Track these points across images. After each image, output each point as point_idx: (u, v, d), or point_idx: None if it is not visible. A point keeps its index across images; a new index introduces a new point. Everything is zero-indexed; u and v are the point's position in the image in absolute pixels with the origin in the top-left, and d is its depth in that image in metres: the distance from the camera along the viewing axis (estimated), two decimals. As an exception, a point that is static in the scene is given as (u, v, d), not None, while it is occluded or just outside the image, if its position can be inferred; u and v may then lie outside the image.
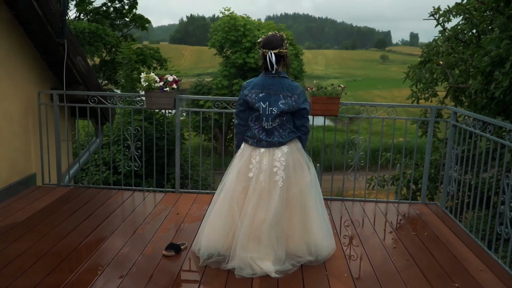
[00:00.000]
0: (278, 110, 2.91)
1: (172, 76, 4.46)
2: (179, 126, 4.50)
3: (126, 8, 20.06)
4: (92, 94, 4.51)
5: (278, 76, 2.95)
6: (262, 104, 2.94)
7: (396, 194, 5.88)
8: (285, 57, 2.98)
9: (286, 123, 2.99)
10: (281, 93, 2.92)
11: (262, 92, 2.95)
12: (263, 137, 2.97)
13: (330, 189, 4.70)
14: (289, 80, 2.99)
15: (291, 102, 2.92)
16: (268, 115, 2.93)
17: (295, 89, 2.95)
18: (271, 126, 2.95)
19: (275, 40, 2.93)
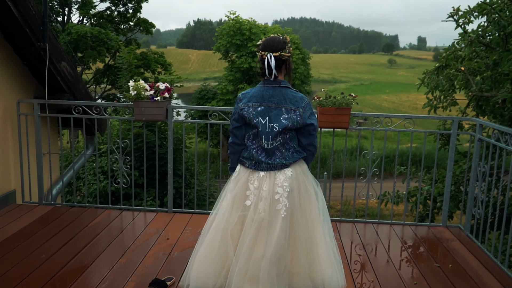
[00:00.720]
0: (281, 127, 2.47)
1: (164, 83, 4.02)
2: (172, 139, 4.06)
3: (130, 12, 19.77)
4: (76, 104, 4.08)
5: (279, 86, 2.51)
6: (261, 119, 2.49)
7: (412, 211, 5.38)
8: (287, 63, 2.54)
9: (289, 141, 2.54)
10: (284, 106, 2.48)
11: (261, 105, 2.50)
12: (263, 158, 2.52)
13: (340, 203, 4.22)
14: (292, 90, 2.54)
15: (295, 117, 2.48)
16: (268, 132, 2.49)
17: (300, 102, 2.50)
18: (272, 146, 2.50)
19: (276, 42, 2.48)
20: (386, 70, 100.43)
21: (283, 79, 2.55)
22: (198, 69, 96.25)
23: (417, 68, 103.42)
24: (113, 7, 19.60)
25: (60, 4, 18.09)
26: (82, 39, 16.04)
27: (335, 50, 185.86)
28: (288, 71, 2.57)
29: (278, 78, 2.51)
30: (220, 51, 19.01)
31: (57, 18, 18.70)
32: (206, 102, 19.53)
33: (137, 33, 21.42)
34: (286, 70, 2.55)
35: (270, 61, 2.43)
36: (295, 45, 18.73)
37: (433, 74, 5.66)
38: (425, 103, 5.78)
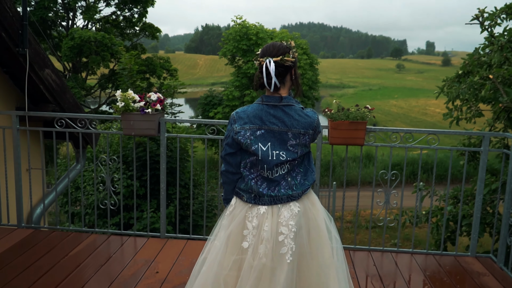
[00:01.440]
0: (289, 157, 2.03)
1: (157, 94, 3.58)
2: (165, 157, 3.61)
3: (135, 17, 19.46)
4: (58, 116, 3.66)
5: (281, 104, 2.02)
6: (262, 146, 2.03)
7: (433, 234, 4.89)
8: (292, 72, 2.05)
9: (297, 166, 2.09)
10: (290, 129, 2.01)
11: (261, 129, 2.03)
12: (264, 190, 2.05)
13: (355, 221, 3.74)
14: (299, 108, 2.06)
15: (304, 141, 2.03)
16: (271, 161, 2.03)
17: (311, 122, 2.04)
18: (276, 174, 2.05)
19: (277, 47, 2.02)
20: (395, 75, 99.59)
21: (287, 95, 2.06)
22: (206, 74, 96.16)
23: (426, 73, 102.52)
24: (119, 12, 19.30)
25: (65, 9, 17.83)
26: (86, 44, 15.71)
27: (343, 55, 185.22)
28: (294, 83, 2.09)
29: (280, 92, 2.03)
30: (226, 56, 18.60)
31: (62, 23, 18.44)
32: (212, 108, 19.12)
33: (142, 38, 21.11)
34: (292, 82, 2.07)
35: (269, 66, 1.96)
36: (303, 50, 18.28)
37: (454, 82, 5.17)
38: (444, 113, 5.29)
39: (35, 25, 16.55)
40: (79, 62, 17.86)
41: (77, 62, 17.80)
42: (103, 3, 18.62)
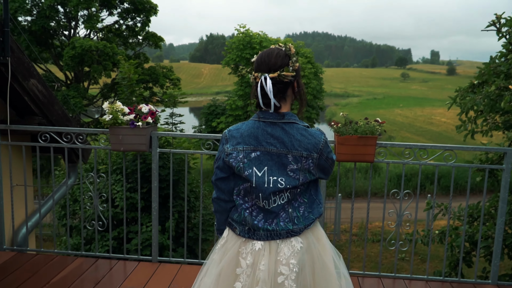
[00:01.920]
0: (289, 184, 1.71)
1: (148, 106, 3.31)
2: (157, 174, 3.33)
3: (138, 26, 19.33)
4: (42, 130, 3.38)
5: (281, 122, 1.72)
6: (256, 170, 1.72)
7: (448, 255, 4.56)
8: (294, 86, 1.74)
9: (300, 196, 1.77)
10: (290, 151, 1.70)
11: (256, 150, 1.73)
12: (260, 223, 1.75)
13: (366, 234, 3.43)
14: (303, 126, 1.75)
15: (307, 166, 1.71)
16: (267, 188, 1.72)
17: (315, 143, 1.72)
18: (274, 204, 1.74)
19: (275, 57, 1.70)
20: (399, 84, 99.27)
21: (288, 111, 1.76)
22: (210, 83, 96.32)
23: (430, 82, 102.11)
24: (122, 21, 19.18)
25: (67, 18, 17.71)
26: (87, 53, 15.54)
27: (347, 64, 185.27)
28: (297, 97, 1.78)
29: (281, 110, 1.73)
30: (229, 65, 18.36)
31: (64, 32, 18.31)
32: (215, 118, 18.85)
33: (146, 47, 20.97)
34: (294, 96, 1.77)
35: (265, 85, 1.66)
36: (307, 59, 17.99)
37: (468, 92, 4.87)
38: (457, 125, 4.98)
39: (36, 34, 16.44)
40: (81, 71, 17.69)
41: (79, 71, 17.63)
42: (105, 12, 18.52)
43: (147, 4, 18.16)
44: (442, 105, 53.31)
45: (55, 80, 18.02)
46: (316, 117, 18.71)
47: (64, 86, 17.92)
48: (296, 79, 1.73)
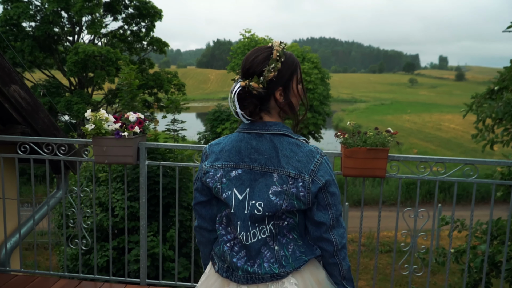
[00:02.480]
0: (268, 209, 1.37)
1: (136, 113, 3.01)
2: (145, 188, 3.02)
3: (143, 31, 19.18)
4: (21, 140, 3.10)
5: (268, 133, 1.40)
6: (237, 193, 1.41)
7: (463, 276, 4.19)
8: (275, 94, 1.40)
9: (288, 231, 1.42)
10: (276, 169, 1.38)
11: (237, 168, 1.42)
12: (240, 261, 1.42)
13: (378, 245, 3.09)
14: (294, 139, 1.42)
15: (295, 190, 1.36)
16: (247, 216, 1.39)
17: (307, 162, 1.37)
18: (254, 239, 1.40)
19: (252, 60, 1.39)
20: (407, 89, 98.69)
21: (278, 121, 1.44)
22: (217, 89, 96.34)
23: (439, 87, 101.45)
24: (126, 26, 19.05)
25: (71, 23, 17.59)
26: (90, 59, 15.37)
27: (354, 69, 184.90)
28: (284, 109, 1.43)
29: (265, 119, 1.42)
30: (234, 70, 18.14)
31: (68, 38, 18.20)
32: (220, 124, 18.59)
33: (153, 53, 20.81)
34: (280, 108, 1.42)
35: (231, 93, 1.39)
36: (313, 64, 17.70)
37: (485, 98, 4.53)
38: (473, 134, 4.64)
39: (40, 40, 16.32)
40: (85, 77, 17.54)
41: (82, 77, 17.48)
42: (110, 17, 18.39)
43: (152, 9, 18.02)
44: (451, 111, 52.78)
45: (39, 86, 17.87)
46: (322, 123, 18.39)
47: (68, 92, 17.78)
48: (274, 91, 1.38)
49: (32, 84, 17.42)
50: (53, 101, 15.92)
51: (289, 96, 1.42)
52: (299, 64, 1.44)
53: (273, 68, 1.35)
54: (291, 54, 1.42)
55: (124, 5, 18.08)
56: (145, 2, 17.96)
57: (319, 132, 18.60)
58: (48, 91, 16.26)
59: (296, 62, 1.42)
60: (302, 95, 1.45)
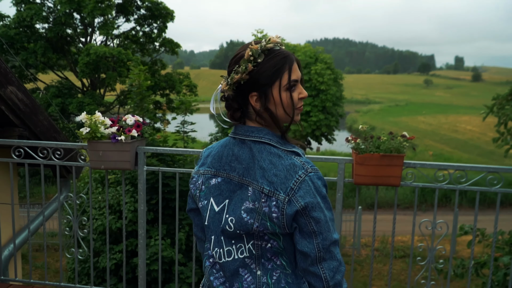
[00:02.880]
0: (239, 227, 1.20)
1: (134, 116, 2.85)
2: (144, 195, 2.86)
3: (155, 32, 19.14)
4: (15, 144, 2.96)
5: (250, 140, 1.23)
6: (214, 203, 1.26)
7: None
8: (249, 97, 1.22)
9: (273, 254, 1.23)
10: (251, 183, 1.20)
11: (217, 176, 1.27)
12: (216, 282, 1.27)
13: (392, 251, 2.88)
14: (280, 150, 1.22)
15: (267, 209, 1.17)
16: (220, 231, 1.25)
17: (286, 178, 1.17)
18: (229, 258, 1.24)
19: (237, 54, 1.24)
20: (422, 90, 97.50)
21: (262, 127, 1.25)
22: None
23: (455, 88, 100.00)
24: (138, 28, 19.03)
25: (83, 25, 17.62)
26: (102, 60, 15.36)
27: (368, 70, 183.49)
28: (264, 114, 1.23)
29: (248, 124, 1.26)
30: (246, 71, 17.99)
31: (81, 39, 18.24)
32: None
33: (166, 54, 20.76)
34: (257, 114, 1.23)
35: (215, 93, 1.29)
36: (326, 65, 17.45)
37: (507, 100, 4.27)
38: (495, 138, 4.38)
39: (52, 41, 16.37)
40: (97, 78, 17.56)
41: (95, 78, 17.50)
42: (122, 19, 18.39)
43: (164, 10, 17.96)
44: (468, 112, 51.85)
45: (83, 86, 17.92)
46: (335, 124, 18.13)
47: (81, 93, 17.81)
48: (247, 96, 1.22)
49: (45, 85, 17.53)
50: (65, 102, 15.96)
51: (267, 104, 1.21)
52: (294, 67, 1.22)
53: (242, 70, 1.18)
54: (279, 55, 1.20)
55: (136, 6, 18.06)
56: (157, 3, 17.91)
57: (332, 134, 18.33)
58: (60, 92, 16.30)
59: (283, 65, 1.20)
60: (288, 104, 1.22)
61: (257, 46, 1.18)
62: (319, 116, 16.73)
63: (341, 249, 12.01)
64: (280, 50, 1.21)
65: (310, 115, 16.91)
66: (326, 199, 1.17)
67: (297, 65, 1.23)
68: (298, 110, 1.24)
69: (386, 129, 41.64)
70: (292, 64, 1.20)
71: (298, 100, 1.24)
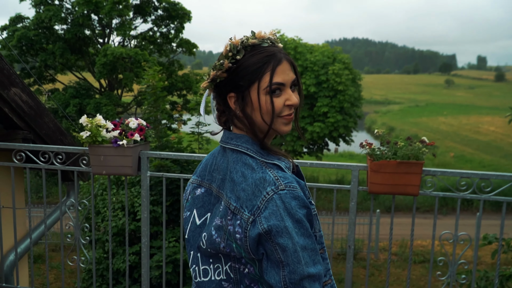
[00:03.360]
0: (209, 246, 1.08)
1: (138, 119, 2.72)
2: (147, 202, 2.73)
3: (172, 33, 19.16)
4: (16, 147, 2.87)
5: (229, 148, 1.11)
6: (197, 216, 1.14)
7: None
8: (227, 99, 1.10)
9: (251, 281, 1.07)
10: (224, 196, 1.08)
11: (201, 186, 1.16)
12: None
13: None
14: (256, 161, 1.07)
15: (232, 229, 1.03)
16: (197, 247, 1.13)
17: (254, 194, 1.01)
18: (206, 278, 1.11)
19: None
20: (443, 91, 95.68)
21: (243, 134, 1.11)
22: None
23: (477, 88, 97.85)
24: (156, 28, 19.08)
25: (101, 26, 17.74)
26: (119, 61, 15.42)
27: (388, 70, 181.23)
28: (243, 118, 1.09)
29: (233, 130, 1.14)
30: (263, 72, 17.84)
31: (99, 40, 18.37)
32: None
33: (184, 55, 20.77)
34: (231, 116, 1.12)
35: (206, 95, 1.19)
36: (344, 65, 17.16)
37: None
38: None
39: (70, 42, 16.51)
40: (114, 79, 17.65)
41: (112, 79, 17.60)
42: (140, 19, 18.46)
43: (181, 11, 17.95)
44: (490, 113, 50.58)
45: (101, 87, 18.05)
46: (353, 125, 17.81)
47: (98, 93, 17.94)
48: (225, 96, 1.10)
49: (64, 86, 17.70)
50: (83, 103, 16.07)
51: (245, 107, 1.07)
52: (281, 68, 1.06)
53: (217, 67, 1.06)
54: (262, 53, 1.05)
55: (153, 7, 18.10)
56: (174, 3, 17.93)
57: (350, 135, 18.02)
58: (78, 93, 16.43)
59: (264, 65, 1.04)
60: (266, 110, 1.05)
61: (238, 41, 1.03)
62: (336, 117, 16.45)
63: (359, 253, 11.73)
64: (267, 47, 1.05)
65: (327, 116, 16.64)
66: (301, 223, 0.97)
67: (288, 66, 1.07)
68: (283, 119, 1.07)
69: (405, 129, 40.96)
70: (278, 64, 1.04)
71: (284, 107, 1.06)
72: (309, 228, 0.99)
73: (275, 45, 1.09)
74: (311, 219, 1.02)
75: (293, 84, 1.08)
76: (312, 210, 1.04)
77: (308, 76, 16.58)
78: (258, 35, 1.06)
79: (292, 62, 1.09)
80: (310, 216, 1.01)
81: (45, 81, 17.46)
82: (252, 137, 1.08)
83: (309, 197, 1.05)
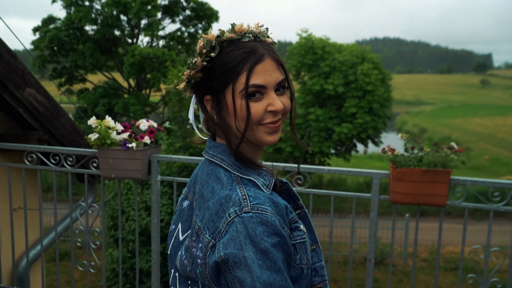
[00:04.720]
0: (180, 266, 0.95)
1: (149, 121, 2.63)
2: (158, 207, 2.63)
3: (200, 33, 19.21)
4: (27, 149, 2.83)
5: (208, 159, 0.98)
6: (180, 230, 1.00)
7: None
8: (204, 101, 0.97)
9: None
10: (196, 211, 0.94)
11: (187, 198, 1.03)
12: None
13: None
14: (230, 172, 0.92)
15: (195, 251, 0.89)
16: (175, 267, 0.99)
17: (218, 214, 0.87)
18: None
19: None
20: (478, 91, 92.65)
21: (220, 143, 0.98)
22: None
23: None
24: (184, 28, 19.19)
25: (130, 26, 17.97)
26: (146, 61, 15.56)
27: (420, 70, 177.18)
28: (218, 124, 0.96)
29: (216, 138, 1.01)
30: (290, 72, 17.63)
31: (128, 40, 18.62)
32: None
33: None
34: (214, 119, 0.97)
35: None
36: (374, 65, 16.73)
37: None
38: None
39: (100, 43, 16.79)
40: (143, 79, 17.84)
41: (140, 79, 17.79)
42: (168, 20, 18.60)
43: (208, 11, 17.98)
44: (529, 114, 48.57)
45: (130, 87, 18.31)
46: (383, 126, 17.35)
47: (126, 93, 18.18)
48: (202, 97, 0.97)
49: (93, 85, 18.02)
50: (112, 103, 16.31)
51: (221, 111, 0.93)
52: (261, 68, 0.90)
53: (190, 65, 0.93)
54: (240, 49, 0.90)
55: (182, 7, 18.20)
56: (202, 3, 17.97)
57: (379, 137, 17.57)
58: (107, 93, 16.69)
59: (240, 63, 0.89)
60: (241, 116, 0.90)
61: (213, 36, 0.89)
62: (365, 118, 16.06)
63: (387, 257, 11.38)
64: (247, 42, 0.90)
65: (356, 117, 16.28)
66: (266, 254, 0.81)
67: (273, 65, 0.91)
68: (265, 128, 0.91)
69: (438, 131, 39.82)
70: (257, 62, 0.89)
71: (266, 114, 0.91)
72: (280, 260, 0.81)
73: (259, 40, 0.93)
74: (287, 250, 0.84)
75: (280, 86, 0.92)
76: (297, 238, 0.87)
77: (336, 76, 16.26)
78: (237, 29, 0.92)
79: (279, 59, 0.93)
80: (286, 246, 0.83)
81: (75, 80, 17.82)
82: (228, 147, 0.94)
83: (296, 221, 0.89)
